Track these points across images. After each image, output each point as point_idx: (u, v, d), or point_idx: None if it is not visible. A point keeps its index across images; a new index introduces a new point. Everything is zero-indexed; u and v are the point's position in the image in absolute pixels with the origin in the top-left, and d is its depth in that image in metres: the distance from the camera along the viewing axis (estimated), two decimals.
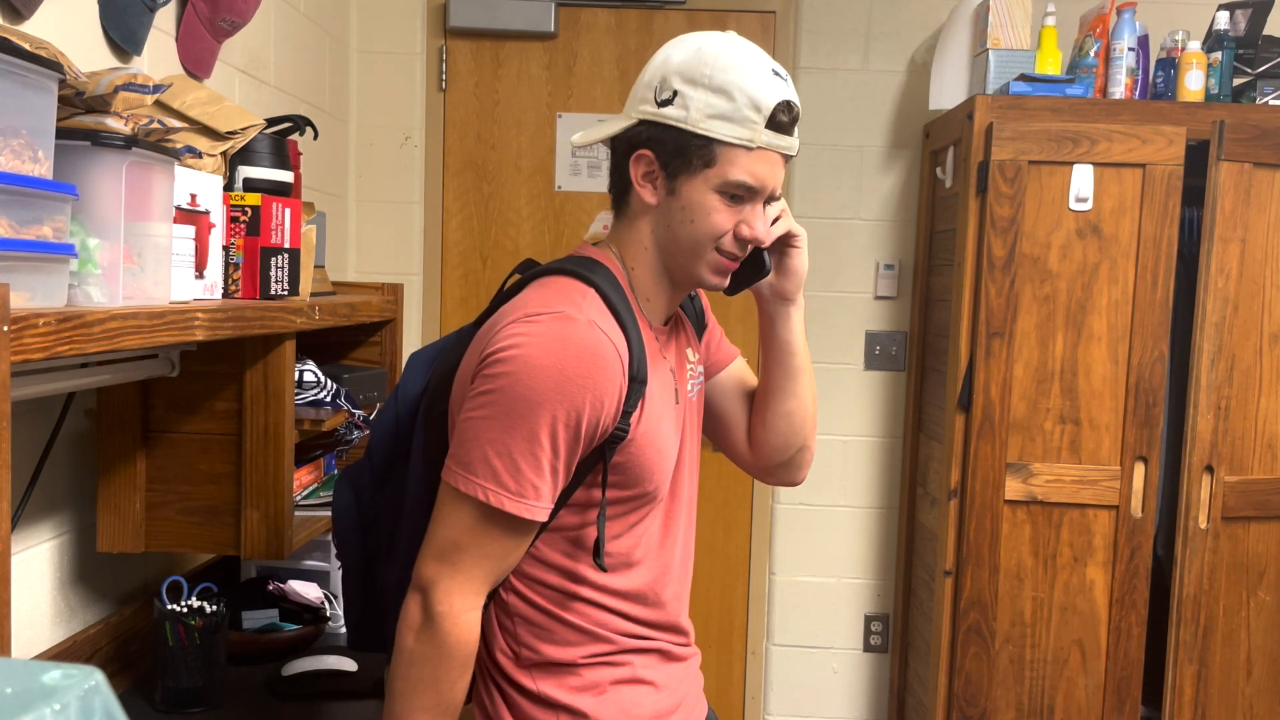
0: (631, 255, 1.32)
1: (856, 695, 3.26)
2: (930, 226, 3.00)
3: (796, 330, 1.43)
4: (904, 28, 3.12)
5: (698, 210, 1.26)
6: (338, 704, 1.68)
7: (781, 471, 1.51)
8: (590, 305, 1.24)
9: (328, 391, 1.81)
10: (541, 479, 1.19)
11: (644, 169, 1.28)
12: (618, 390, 1.21)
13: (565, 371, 1.17)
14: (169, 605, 1.63)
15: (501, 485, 1.18)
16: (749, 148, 1.23)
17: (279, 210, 1.58)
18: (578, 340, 1.19)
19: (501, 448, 1.18)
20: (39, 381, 1.30)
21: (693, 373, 1.42)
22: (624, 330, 1.24)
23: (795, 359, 1.43)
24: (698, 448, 1.44)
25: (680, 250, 1.29)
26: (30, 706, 0.50)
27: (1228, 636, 2.60)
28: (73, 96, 1.19)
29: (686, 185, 1.26)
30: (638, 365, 1.24)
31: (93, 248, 1.14)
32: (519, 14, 3.08)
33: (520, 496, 1.19)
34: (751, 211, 1.27)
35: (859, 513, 3.22)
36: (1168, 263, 2.52)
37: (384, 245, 3.13)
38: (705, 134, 1.23)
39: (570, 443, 1.20)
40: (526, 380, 1.18)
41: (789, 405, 1.45)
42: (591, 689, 1.31)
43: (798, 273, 1.40)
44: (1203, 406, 2.53)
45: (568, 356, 1.18)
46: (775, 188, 1.29)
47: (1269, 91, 2.63)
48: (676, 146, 1.25)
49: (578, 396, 1.18)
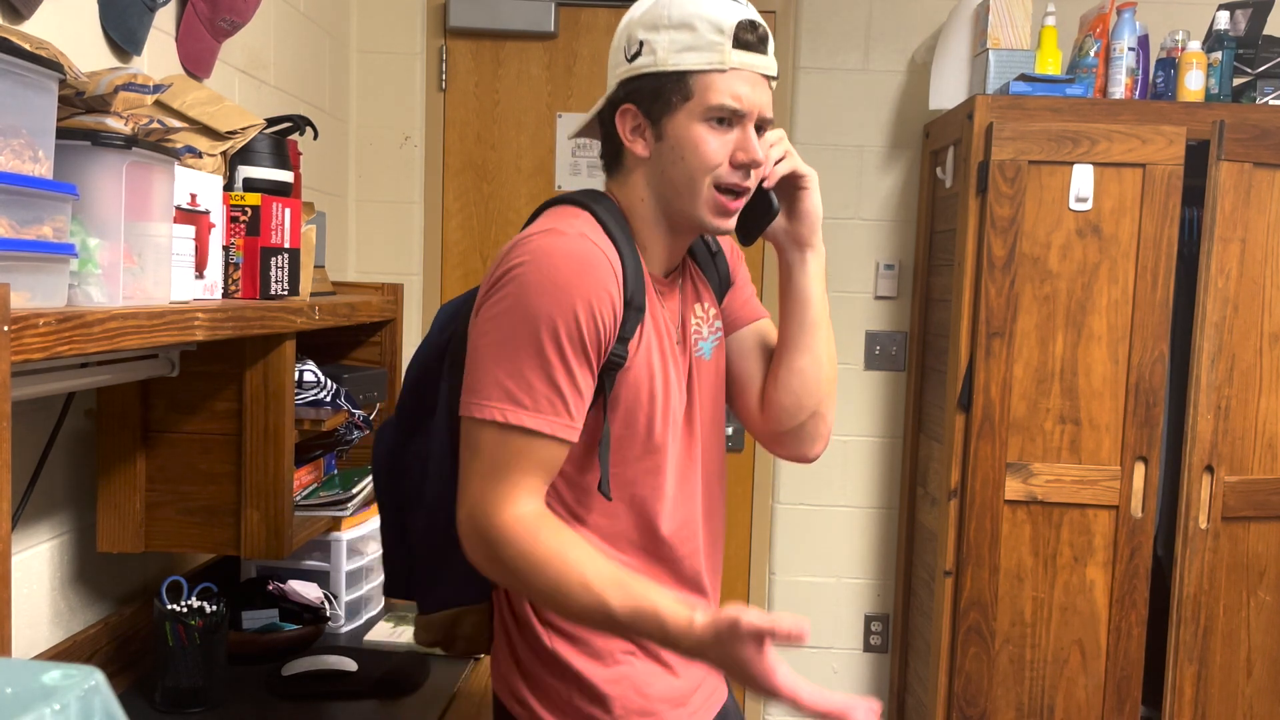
0: (628, 207, 1.32)
1: (857, 695, 3.26)
2: (930, 226, 3.00)
3: (813, 280, 1.38)
4: (904, 28, 3.12)
5: (686, 145, 1.26)
6: (338, 704, 1.68)
7: (792, 441, 1.42)
8: (583, 223, 1.26)
9: (328, 391, 1.81)
10: (555, 393, 1.19)
11: (630, 123, 1.29)
12: (610, 299, 1.22)
13: (556, 281, 1.19)
14: (169, 605, 1.63)
15: (517, 403, 1.19)
16: (722, 70, 1.23)
17: (279, 210, 1.58)
18: (566, 250, 1.21)
19: (511, 368, 1.19)
20: (39, 381, 1.30)
21: (704, 332, 1.39)
22: (618, 250, 1.25)
23: (810, 311, 1.38)
24: (718, 410, 1.41)
25: (677, 193, 1.28)
26: (30, 706, 0.50)
27: (1228, 636, 2.60)
28: (73, 96, 1.19)
29: (671, 125, 1.26)
30: (632, 288, 1.24)
31: (93, 248, 1.14)
32: (519, 14, 3.08)
33: (538, 411, 1.19)
34: (743, 136, 1.26)
35: (859, 513, 3.22)
36: (1168, 263, 2.52)
37: (384, 245, 3.13)
38: (676, 69, 1.24)
39: (577, 353, 1.20)
40: (522, 298, 1.20)
41: (802, 361, 1.38)
42: (603, 658, 1.30)
43: (810, 215, 1.36)
44: (1203, 406, 2.53)
45: (558, 267, 1.20)
46: (761, 110, 1.27)
47: (1269, 91, 2.63)
48: (653, 91, 1.26)
49: (572, 302, 1.19)
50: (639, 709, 1.31)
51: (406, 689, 1.74)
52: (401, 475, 1.42)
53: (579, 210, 1.28)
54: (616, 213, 1.30)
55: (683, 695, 1.36)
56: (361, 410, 1.95)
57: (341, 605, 2.02)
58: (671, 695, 1.35)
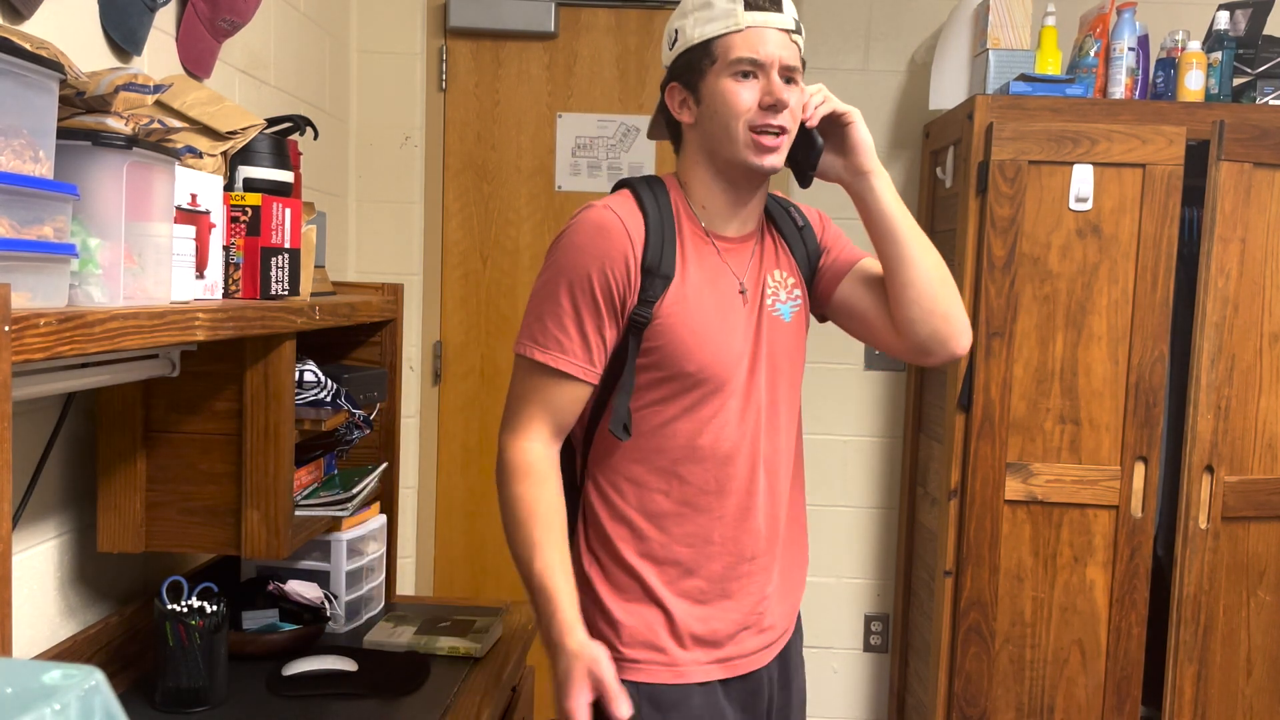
0: (686, 173, 1.51)
1: (856, 695, 3.26)
2: (930, 226, 3.00)
3: (886, 199, 1.50)
4: (904, 28, 3.12)
5: (719, 99, 1.43)
6: (338, 704, 1.68)
7: (935, 346, 1.52)
8: (616, 198, 1.48)
9: (328, 391, 1.81)
10: (565, 334, 1.43)
11: (677, 99, 1.49)
12: (624, 260, 1.42)
13: (576, 243, 1.44)
14: (169, 605, 1.63)
15: (534, 340, 1.45)
16: (738, 29, 1.41)
17: (279, 210, 1.58)
18: (588, 220, 1.44)
19: (536, 313, 1.45)
20: (39, 381, 1.30)
21: (782, 296, 1.54)
22: (645, 218, 1.44)
23: (896, 227, 1.50)
24: (788, 363, 1.55)
25: (720, 143, 1.44)
26: (30, 706, 0.50)
27: (1228, 636, 2.60)
28: (73, 96, 1.19)
29: (705, 88, 1.44)
30: (654, 254, 1.43)
31: (93, 248, 1.14)
32: (519, 14, 3.08)
33: (545, 348, 1.44)
34: (767, 82, 1.41)
35: (859, 513, 3.22)
36: (1168, 263, 2.52)
37: (384, 245, 3.13)
38: (701, 39, 1.43)
39: (590, 305, 1.42)
40: (551, 261, 1.46)
41: (909, 273, 1.49)
42: (624, 590, 1.49)
43: (861, 143, 1.50)
44: (1203, 406, 2.53)
45: (580, 233, 1.44)
46: (784, 60, 1.42)
47: (1269, 91, 2.63)
48: (687, 64, 1.45)
49: (586, 262, 1.42)
50: (645, 641, 1.48)
51: (406, 689, 1.74)
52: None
53: (623, 189, 1.51)
54: (660, 189, 1.49)
55: (708, 639, 1.49)
56: (361, 410, 1.95)
57: (341, 605, 2.02)
58: (688, 642, 1.48)
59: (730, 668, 1.51)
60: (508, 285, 3.18)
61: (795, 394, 1.58)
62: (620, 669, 1.46)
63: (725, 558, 1.50)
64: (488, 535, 3.20)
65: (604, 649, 1.39)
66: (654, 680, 1.48)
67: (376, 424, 2.20)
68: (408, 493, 3.14)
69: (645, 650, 1.48)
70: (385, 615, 2.13)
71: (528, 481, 1.44)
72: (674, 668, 1.48)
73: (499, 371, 3.19)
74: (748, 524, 1.51)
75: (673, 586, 1.49)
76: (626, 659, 1.48)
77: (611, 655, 1.47)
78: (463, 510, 3.21)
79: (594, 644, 1.39)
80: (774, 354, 1.52)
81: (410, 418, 3.13)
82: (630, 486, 1.49)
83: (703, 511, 1.48)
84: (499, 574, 3.21)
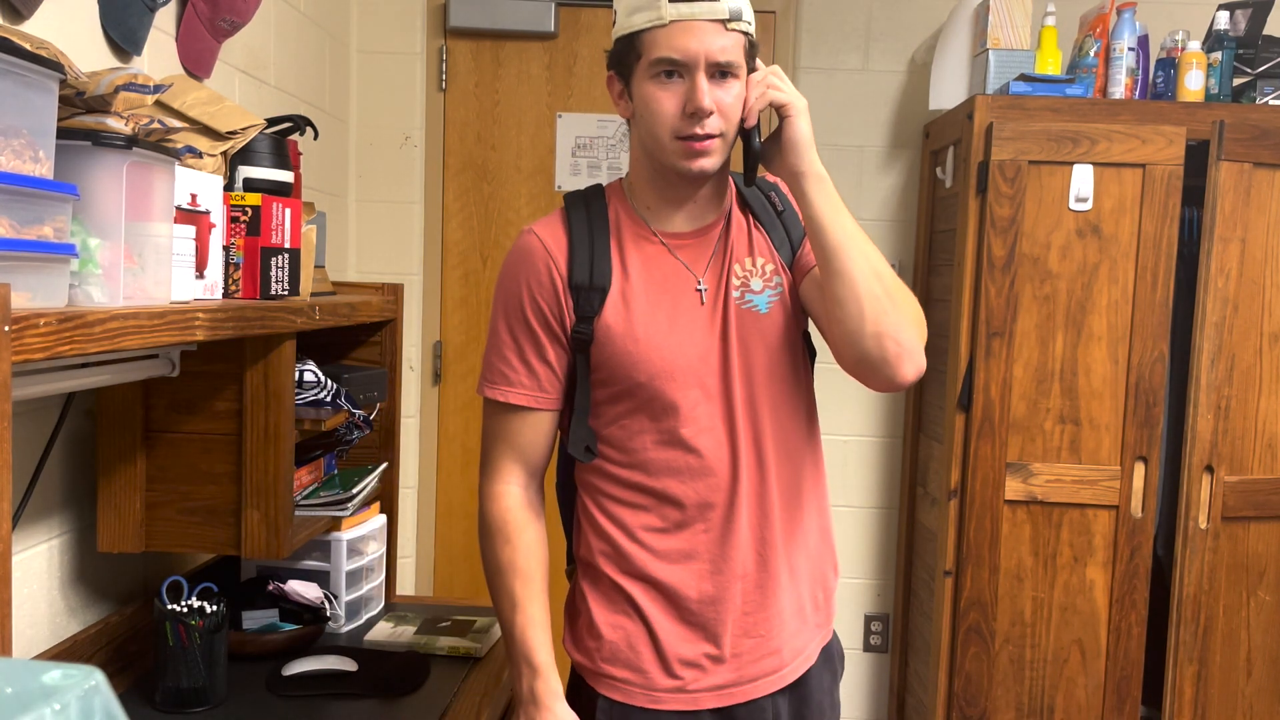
0: (631, 170, 1.46)
1: (856, 695, 3.26)
2: (930, 226, 3.00)
3: (817, 203, 1.33)
4: (904, 28, 3.12)
5: (643, 104, 1.35)
6: (338, 704, 1.68)
7: (868, 370, 1.34)
8: (543, 220, 1.46)
9: (328, 391, 1.81)
10: (509, 366, 1.42)
11: (615, 89, 1.42)
12: (547, 283, 1.39)
13: (505, 273, 1.44)
14: (169, 605, 1.63)
15: (485, 378, 1.45)
16: (661, 24, 1.30)
17: (279, 210, 1.58)
18: (515, 247, 1.44)
19: (486, 352, 1.46)
20: (39, 381, 1.30)
21: (755, 286, 1.41)
22: (569, 234, 1.41)
23: (827, 236, 1.32)
24: (777, 357, 1.42)
25: (652, 148, 1.37)
26: (30, 706, 0.50)
27: (1228, 636, 2.60)
28: (73, 96, 1.19)
29: (635, 86, 1.36)
30: (581, 269, 1.39)
31: (93, 248, 1.14)
32: (519, 14, 3.08)
33: (494, 384, 1.43)
34: (690, 86, 1.30)
35: (859, 513, 3.22)
36: (1168, 263, 2.52)
37: (384, 245, 3.13)
38: (627, 31, 1.34)
39: (525, 331, 1.41)
40: (494, 297, 1.46)
41: (837, 287, 1.32)
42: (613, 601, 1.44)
43: (795, 142, 1.34)
44: (1203, 406, 2.53)
45: (508, 262, 1.44)
46: (710, 56, 1.29)
47: (1269, 91, 2.63)
48: (619, 55, 1.38)
49: (515, 289, 1.41)
50: (626, 660, 1.41)
51: (406, 689, 1.74)
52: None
53: (556, 211, 1.47)
54: (596, 198, 1.45)
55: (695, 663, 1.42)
56: (361, 410, 1.95)
57: (341, 605, 2.02)
58: (673, 667, 1.40)
59: (722, 696, 1.41)
60: None
61: (787, 390, 1.43)
62: (598, 682, 1.43)
63: (713, 575, 1.39)
64: None
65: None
66: (628, 701, 1.41)
67: (376, 424, 2.19)
68: (408, 493, 3.14)
69: (625, 669, 1.41)
70: (385, 615, 2.13)
71: (503, 539, 1.44)
72: (649, 693, 1.40)
73: None
74: (734, 538, 1.39)
75: (659, 605, 1.40)
76: (604, 674, 1.42)
77: (592, 667, 1.44)
78: (463, 510, 3.21)
79: (571, 716, 1.40)
80: (748, 349, 1.40)
81: (410, 418, 3.13)
82: (611, 504, 1.42)
83: (684, 526, 1.39)
84: None
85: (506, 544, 1.44)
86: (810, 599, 1.49)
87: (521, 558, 1.43)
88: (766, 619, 1.42)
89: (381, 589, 2.21)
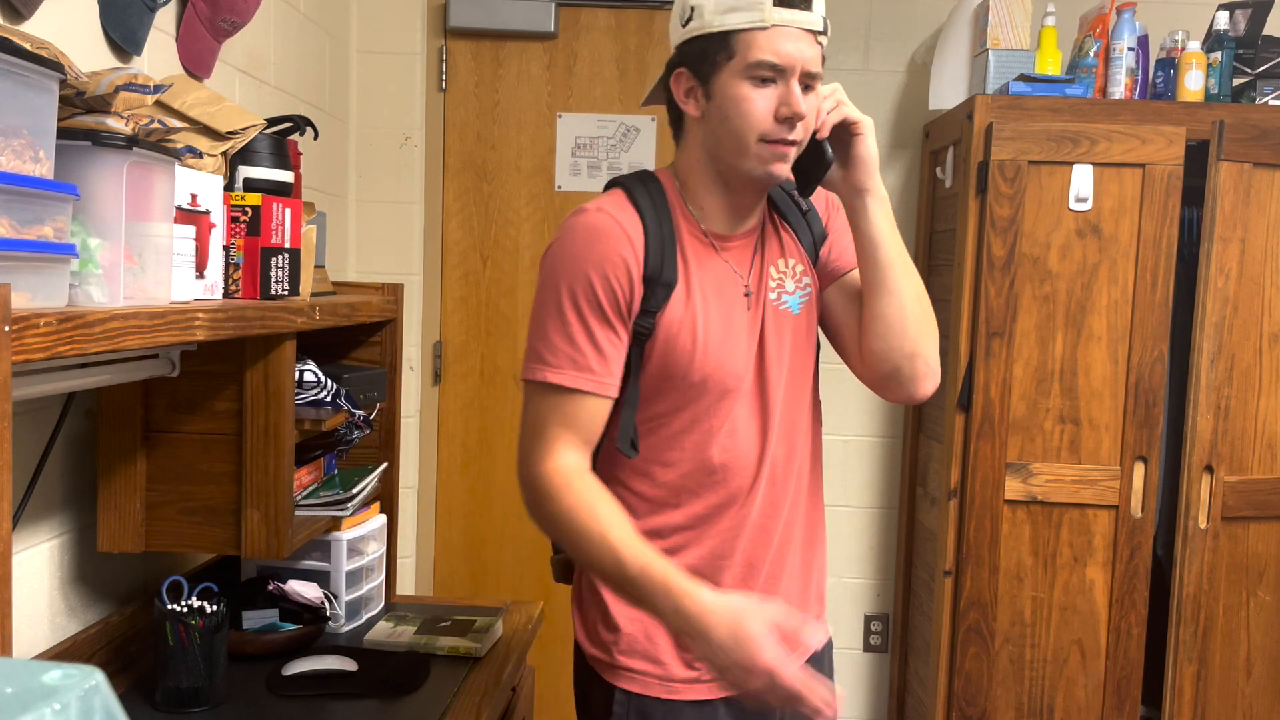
0: (685, 169, 1.41)
1: (856, 695, 3.26)
2: (930, 226, 3.00)
3: (877, 222, 1.39)
4: (904, 28, 3.12)
5: (731, 103, 1.31)
6: (338, 704, 1.68)
7: (894, 385, 1.44)
8: (609, 200, 1.38)
9: (328, 391, 1.81)
10: (576, 349, 1.32)
11: (684, 86, 1.37)
12: (625, 264, 1.32)
13: (573, 250, 1.34)
14: (169, 605, 1.63)
15: (545, 363, 1.34)
16: (763, 27, 1.29)
17: (279, 210, 1.58)
18: (584, 224, 1.34)
19: (539, 331, 1.35)
20: (39, 381, 1.30)
21: (789, 287, 1.44)
22: (643, 224, 1.35)
23: (881, 252, 1.39)
24: (802, 357, 1.46)
25: (727, 150, 1.35)
26: (30, 706, 0.50)
27: (1228, 636, 2.60)
28: (73, 96, 1.19)
29: (718, 85, 1.32)
30: (656, 262, 1.34)
31: (94, 248, 1.14)
32: (519, 14, 3.08)
33: (558, 367, 1.33)
34: (786, 91, 1.30)
35: (859, 513, 3.22)
36: (1167, 263, 2.52)
37: (384, 245, 3.13)
38: (720, 29, 1.30)
39: (595, 311, 1.32)
40: (547, 272, 1.35)
41: (884, 304, 1.40)
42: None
43: (865, 160, 1.38)
44: (1202, 406, 2.53)
45: (575, 239, 1.34)
46: (805, 65, 1.30)
47: (1269, 91, 2.63)
48: (701, 52, 1.33)
49: (585, 267, 1.32)
50: (644, 652, 1.41)
51: (406, 689, 1.74)
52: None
53: (615, 190, 1.40)
54: (656, 189, 1.39)
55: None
56: (361, 410, 1.95)
57: (341, 605, 2.02)
58: (688, 658, 1.40)
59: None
60: (508, 285, 3.18)
61: (809, 390, 1.49)
62: (615, 675, 1.44)
63: (736, 570, 1.43)
64: (488, 535, 3.21)
65: (749, 596, 1.25)
66: (645, 693, 1.42)
67: (376, 424, 2.20)
68: (408, 493, 3.14)
69: (642, 661, 1.43)
70: (385, 615, 2.13)
71: (570, 491, 1.31)
72: (667, 683, 1.42)
73: (499, 371, 3.19)
74: (760, 536, 1.43)
75: None
76: (622, 667, 1.44)
77: (609, 660, 1.44)
78: (463, 510, 3.21)
79: (734, 598, 1.23)
80: (783, 351, 1.43)
81: (410, 418, 3.13)
82: (631, 496, 1.42)
83: (713, 523, 1.41)
84: (499, 574, 3.21)
85: (574, 493, 1.31)
86: (815, 591, 1.53)
87: (600, 503, 1.31)
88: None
89: (381, 589, 2.21)
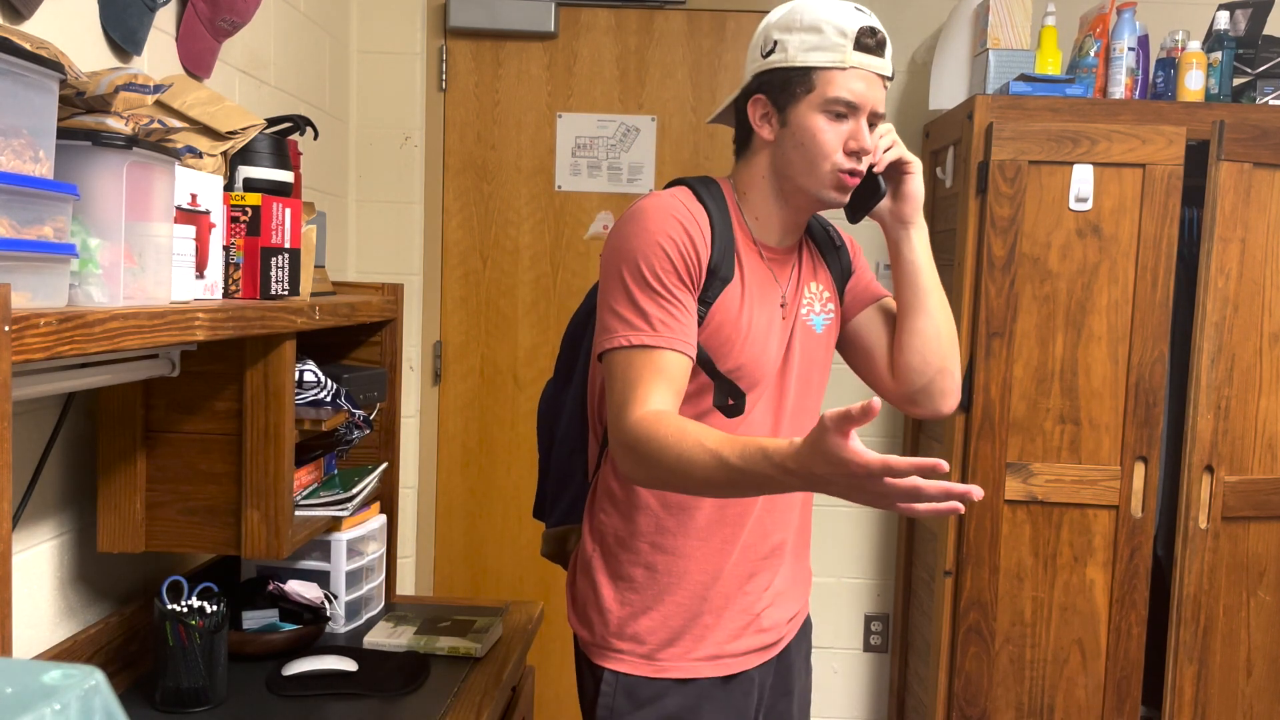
0: (746, 183, 1.52)
1: (856, 695, 3.26)
2: (930, 226, 2.99)
3: (919, 251, 1.55)
4: (904, 28, 3.12)
5: (807, 133, 1.44)
6: (338, 704, 1.68)
7: (924, 398, 1.57)
8: (680, 193, 1.47)
9: (328, 391, 1.81)
10: (655, 314, 1.38)
11: (760, 110, 1.48)
12: (694, 241, 1.41)
13: (645, 225, 1.41)
14: (169, 605, 1.63)
15: (631, 327, 1.38)
16: (842, 68, 1.42)
17: (279, 210, 1.58)
18: (655, 205, 1.43)
19: (617, 302, 1.40)
20: (39, 381, 1.30)
21: (816, 308, 1.57)
22: (710, 218, 1.45)
23: (921, 277, 1.54)
24: (818, 373, 1.58)
25: (799, 173, 1.46)
26: (30, 706, 0.50)
27: (1228, 636, 2.60)
28: (73, 96, 1.19)
29: (795, 114, 1.44)
30: (718, 254, 1.43)
31: (94, 248, 1.14)
32: (519, 14, 3.08)
33: (639, 330, 1.38)
34: (856, 127, 1.44)
35: (859, 512, 3.22)
36: (1168, 263, 2.52)
37: (384, 245, 3.13)
38: (803, 65, 1.43)
39: (671, 277, 1.39)
40: (617, 246, 1.42)
41: (920, 322, 1.54)
42: (624, 579, 1.51)
43: (914, 196, 1.53)
44: (1203, 406, 2.53)
45: (648, 217, 1.42)
46: (874, 106, 1.45)
47: (1269, 91, 2.63)
48: (782, 82, 1.45)
49: (656, 237, 1.39)
50: (631, 633, 1.50)
51: (406, 689, 1.74)
52: (554, 418, 1.69)
53: (682, 186, 1.50)
54: (718, 193, 1.50)
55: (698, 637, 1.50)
56: (361, 410, 1.95)
57: (341, 605, 2.02)
58: (675, 637, 1.49)
59: (719, 666, 1.53)
60: (508, 285, 3.18)
61: (817, 403, 1.60)
62: (602, 655, 1.51)
63: (737, 556, 1.51)
64: (488, 535, 3.21)
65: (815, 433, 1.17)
66: (632, 672, 1.50)
67: (376, 424, 2.20)
68: (408, 493, 3.14)
69: (628, 642, 1.51)
70: (385, 615, 2.13)
71: (663, 423, 1.29)
72: (653, 662, 1.50)
73: (499, 371, 3.19)
74: (765, 526, 1.53)
75: (670, 580, 1.50)
76: (609, 647, 1.51)
77: (594, 640, 1.52)
78: (463, 510, 3.21)
79: (802, 441, 1.16)
80: (803, 362, 1.54)
81: (410, 418, 3.13)
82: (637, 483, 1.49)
83: (723, 510, 1.49)
84: (499, 574, 3.21)
85: (664, 424, 1.29)
86: (803, 580, 1.66)
87: (689, 426, 1.29)
88: (772, 600, 1.56)
89: (381, 589, 2.21)
